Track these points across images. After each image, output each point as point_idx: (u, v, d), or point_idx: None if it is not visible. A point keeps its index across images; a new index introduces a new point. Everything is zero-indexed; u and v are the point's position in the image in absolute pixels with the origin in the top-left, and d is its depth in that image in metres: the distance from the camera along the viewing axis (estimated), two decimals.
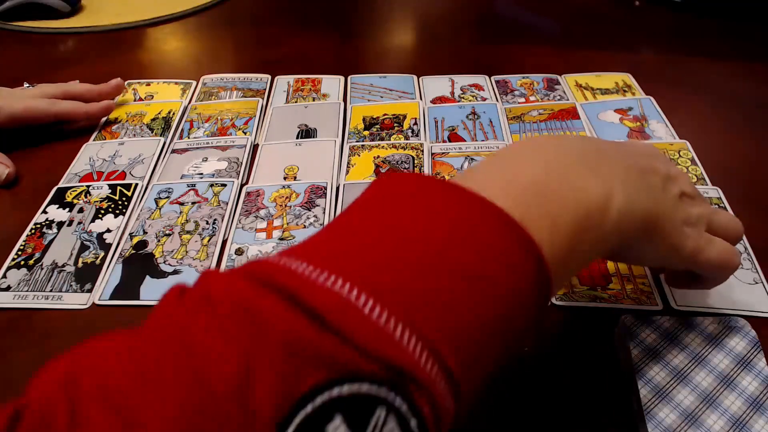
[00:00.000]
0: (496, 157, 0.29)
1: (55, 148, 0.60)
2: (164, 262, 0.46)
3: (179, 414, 0.16)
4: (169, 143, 0.60)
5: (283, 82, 0.71)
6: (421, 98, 0.67)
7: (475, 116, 0.63)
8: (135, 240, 0.48)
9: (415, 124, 0.62)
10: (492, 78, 0.71)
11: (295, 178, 0.55)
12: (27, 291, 0.44)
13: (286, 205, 0.51)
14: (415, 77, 0.71)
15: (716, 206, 0.50)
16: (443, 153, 0.57)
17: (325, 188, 0.53)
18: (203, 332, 0.18)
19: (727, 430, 0.32)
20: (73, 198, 0.53)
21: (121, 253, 0.47)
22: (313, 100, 0.67)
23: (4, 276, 0.45)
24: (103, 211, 0.51)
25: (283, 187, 0.53)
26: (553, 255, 0.23)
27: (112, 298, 0.43)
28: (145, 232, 0.49)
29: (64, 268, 0.46)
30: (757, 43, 0.78)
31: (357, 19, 0.91)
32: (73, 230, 0.49)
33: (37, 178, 0.56)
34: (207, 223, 0.50)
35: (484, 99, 0.67)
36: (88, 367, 0.18)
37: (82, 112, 0.61)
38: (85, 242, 0.48)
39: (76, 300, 0.43)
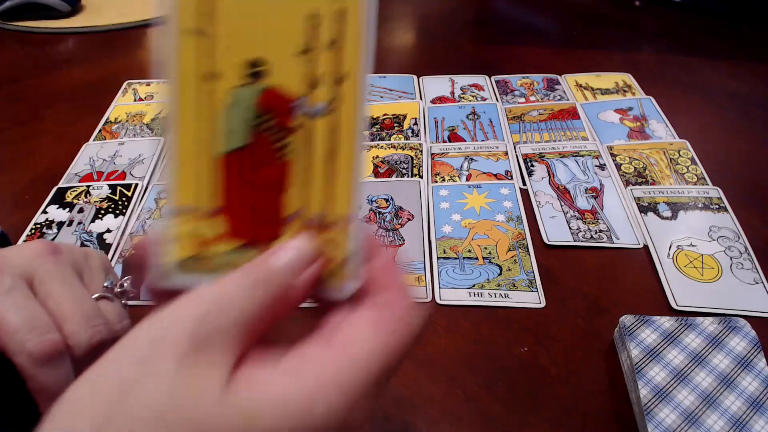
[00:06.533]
0: None
1: (55, 148, 0.60)
2: None
3: None
4: None
5: None
6: (421, 98, 0.67)
7: (475, 116, 0.63)
8: (135, 240, 0.48)
9: (415, 124, 0.62)
10: (492, 78, 0.71)
11: None
12: None
13: None
14: (415, 77, 0.71)
15: (716, 206, 0.50)
16: (443, 153, 0.57)
17: None
18: None
19: (727, 430, 0.32)
20: (73, 198, 0.53)
21: (121, 253, 0.47)
22: None
23: None
24: (103, 211, 0.51)
25: None
26: None
27: None
28: (145, 232, 0.49)
29: None
30: (756, 43, 0.78)
31: None
32: (73, 230, 0.49)
33: (37, 178, 0.56)
34: None
35: (484, 99, 0.67)
36: None
37: None
38: (85, 242, 0.48)
39: None
